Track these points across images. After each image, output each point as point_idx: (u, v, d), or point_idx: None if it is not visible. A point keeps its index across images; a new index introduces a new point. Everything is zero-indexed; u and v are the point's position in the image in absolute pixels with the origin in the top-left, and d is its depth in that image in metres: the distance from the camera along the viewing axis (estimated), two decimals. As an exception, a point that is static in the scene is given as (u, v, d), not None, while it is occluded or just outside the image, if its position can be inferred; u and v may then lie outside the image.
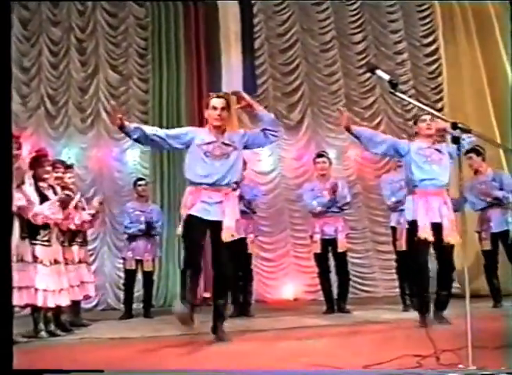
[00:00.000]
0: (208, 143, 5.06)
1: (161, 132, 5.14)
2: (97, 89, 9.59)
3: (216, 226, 4.99)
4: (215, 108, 5.09)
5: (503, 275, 7.46)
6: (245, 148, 5.24)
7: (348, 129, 5.53)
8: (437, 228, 5.48)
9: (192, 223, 4.99)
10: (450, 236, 5.50)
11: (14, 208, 5.23)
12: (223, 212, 4.99)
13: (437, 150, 5.63)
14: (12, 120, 4.07)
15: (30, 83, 9.43)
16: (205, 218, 4.98)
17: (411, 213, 5.55)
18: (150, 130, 5.10)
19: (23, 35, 9.44)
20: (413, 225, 5.53)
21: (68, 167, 6.60)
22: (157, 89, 9.70)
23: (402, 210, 6.13)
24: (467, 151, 7.11)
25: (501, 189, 7.20)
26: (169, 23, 9.81)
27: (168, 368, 4.01)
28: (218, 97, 5.20)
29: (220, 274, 5.09)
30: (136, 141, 5.09)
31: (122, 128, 4.94)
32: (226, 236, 4.96)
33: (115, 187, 9.32)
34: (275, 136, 5.19)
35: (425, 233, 5.43)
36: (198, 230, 5.01)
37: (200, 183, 5.01)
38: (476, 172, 7.32)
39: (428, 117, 5.65)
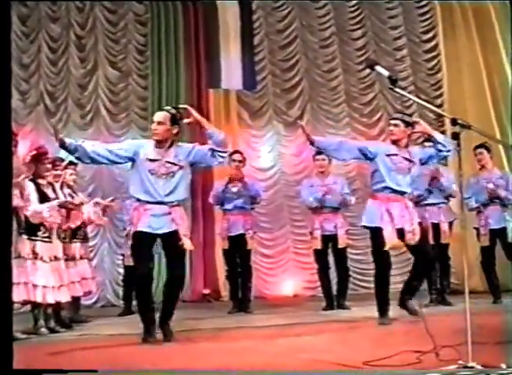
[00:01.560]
0: (153, 160, 4.95)
1: (101, 148, 4.97)
2: (96, 86, 9.56)
3: (167, 236, 4.97)
4: (153, 121, 5.03)
5: (501, 271, 7.46)
6: (192, 165, 5.10)
7: (312, 143, 5.58)
8: (402, 233, 5.46)
9: (140, 238, 4.96)
10: (413, 239, 5.47)
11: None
12: (173, 222, 4.96)
13: (406, 159, 5.56)
14: (11, 118, 4.05)
15: (29, 80, 9.40)
16: (154, 232, 4.95)
17: (373, 219, 5.50)
18: (90, 147, 4.91)
19: (21, 32, 9.40)
20: (376, 232, 5.47)
21: (71, 163, 6.59)
22: (156, 86, 9.68)
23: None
24: (477, 147, 7.16)
25: (506, 189, 7.23)
26: (169, 20, 9.77)
27: (166, 365, 4.01)
28: (161, 110, 5.11)
29: (176, 277, 5.08)
30: (77, 159, 5.02)
31: (63, 146, 4.84)
32: (187, 244, 5.01)
33: (115, 184, 9.28)
34: (222, 157, 5.06)
35: (392, 242, 5.41)
36: (147, 244, 5.01)
37: (145, 201, 4.95)
38: (481, 168, 7.33)
39: (393, 122, 5.62)
